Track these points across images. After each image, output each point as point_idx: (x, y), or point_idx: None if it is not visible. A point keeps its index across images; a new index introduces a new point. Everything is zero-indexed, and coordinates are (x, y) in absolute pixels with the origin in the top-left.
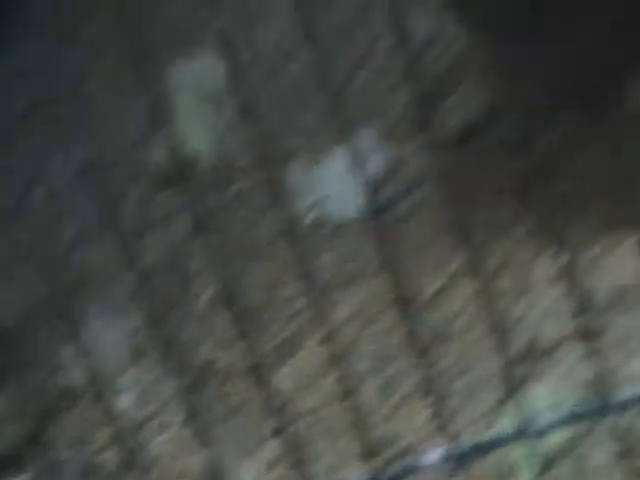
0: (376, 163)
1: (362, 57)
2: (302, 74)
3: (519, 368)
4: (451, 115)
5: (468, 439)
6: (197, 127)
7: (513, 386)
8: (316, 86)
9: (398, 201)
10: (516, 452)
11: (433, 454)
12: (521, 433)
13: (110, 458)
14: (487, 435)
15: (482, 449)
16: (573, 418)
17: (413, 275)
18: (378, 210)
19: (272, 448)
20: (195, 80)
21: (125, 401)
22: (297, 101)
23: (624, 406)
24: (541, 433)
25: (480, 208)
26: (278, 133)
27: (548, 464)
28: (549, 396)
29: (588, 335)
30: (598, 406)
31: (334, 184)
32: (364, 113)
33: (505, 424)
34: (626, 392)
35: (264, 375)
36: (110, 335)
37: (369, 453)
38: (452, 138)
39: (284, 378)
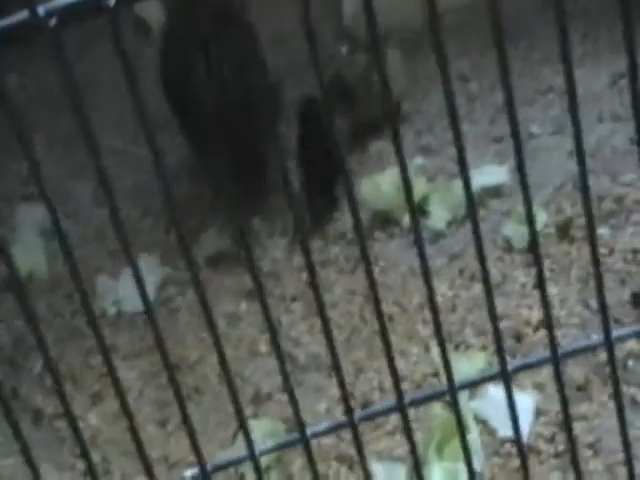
0: (156, 277)
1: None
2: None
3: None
4: (205, 245)
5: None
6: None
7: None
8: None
9: (172, 300)
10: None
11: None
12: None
13: None
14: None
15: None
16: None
17: (180, 348)
18: (161, 304)
19: None
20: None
21: None
22: (100, 239)
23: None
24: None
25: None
26: (89, 258)
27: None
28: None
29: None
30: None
31: (130, 289)
32: (148, 247)
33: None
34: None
35: None
36: None
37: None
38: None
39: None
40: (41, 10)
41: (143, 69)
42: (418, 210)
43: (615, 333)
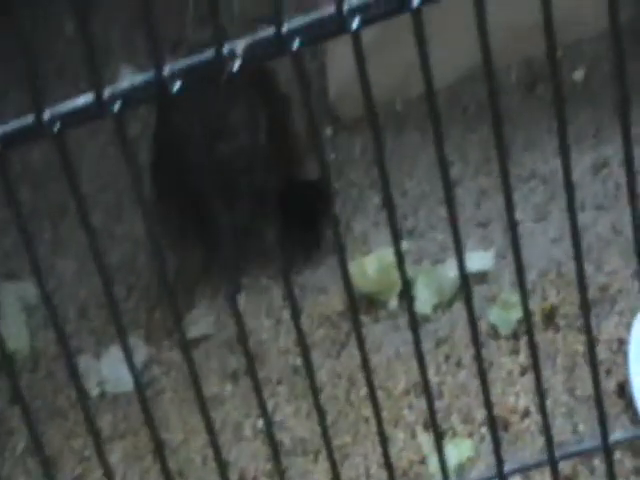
0: (140, 357)
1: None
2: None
3: None
4: (190, 326)
5: None
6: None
7: None
8: (96, 306)
9: (156, 380)
10: None
11: None
12: None
13: None
14: None
15: None
16: None
17: (164, 430)
18: (143, 386)
19: None
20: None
21: None
22: (83, 317)
23: None
24: None
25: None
26: (72, 334)
27: None
28: None
29: None
30: None
31: (113, 370)
32: (132, 327)
33: None
34: None
35: None
36: None
37: None
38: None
39: None
40: (46, 114)
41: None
42: (404, 294)
43: (612, 437)
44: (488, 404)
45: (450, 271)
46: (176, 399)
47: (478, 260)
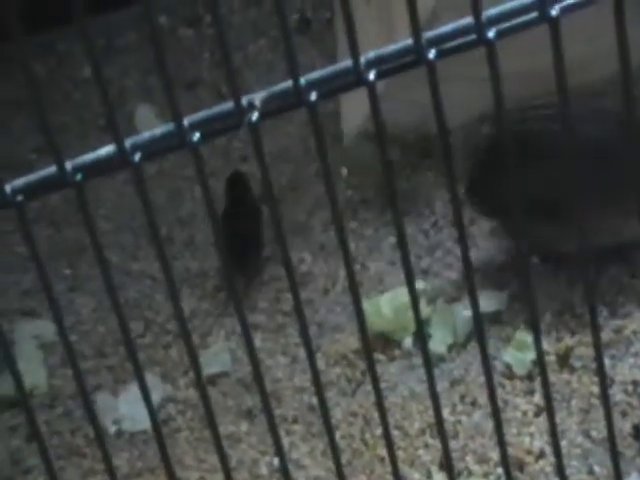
0: (156, 395)
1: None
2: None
3: None
4: (206, 364)
5: None
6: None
7: None
8: (113, 343)
9: (172, 419)
10: None
11: None
12: None
13: None
14: None
15: None
16: None
17: (179, 469)
18: (161, 423)
19: None
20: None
21: None
22: (100, 355)
23: None
24: None
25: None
26: (89, 371)
27: None
28: None
29: None
30: None
31: (130, 407)
32: (148, 364)
33: None
34: None
35: None
36: None
37: None
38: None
39: None
40: (69, 165)
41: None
42: (419, 333)
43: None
44: (502, 445)
45: (465, 311)
46: (192, 438)
47: (493, 300)
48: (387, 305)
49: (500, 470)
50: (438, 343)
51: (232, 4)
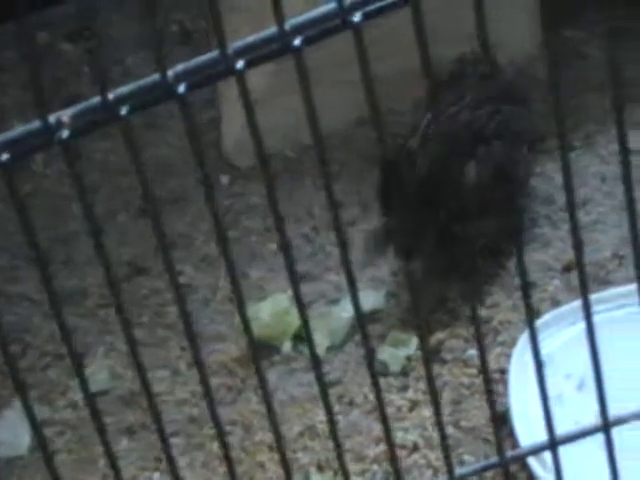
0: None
1: None
2: None
3: None
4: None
5: None
6: None
7: None
8: None
9: (50, 441)
10: None
11: None
12: None
13: None
14: None
15: None
16: None
17: None
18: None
19: None
20: None
21: None
22: None
23: None
24: None
25: None
26: None
27: None
28: None
29: None
30: None
31: (7, 433)
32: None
33: None
34: None
35: None
36: None
37: None
38: None
39: None
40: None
41: None
42: (297, 337)
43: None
44: (389, 440)
45: (343, 312)
46: (69, 460)
47: (370, 299)
48: (266, 311)
49: (376, 467)
50: (316, 346)
51: (111, 18)
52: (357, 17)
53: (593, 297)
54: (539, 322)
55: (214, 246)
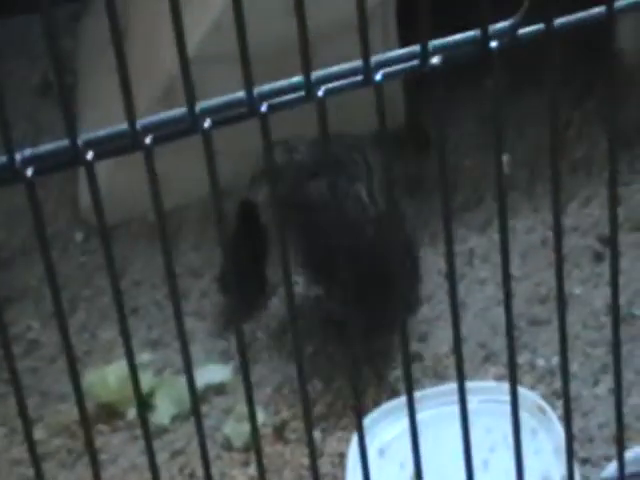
0: None
1: None
2: None
3: None
4: None
5: None
6: None
7: None
8: None
9: None
10: None
11: None
12: None
13: None
14: None
15: None
16: None
17: None
18: None
19: None
20: None
21: None
22: None
23: None
24: None
25: None
26: None
27: None
28: None
29: None
30: None
31: None
32: None
33: None
34: None
35: None
36: None
37: None
38: None
39: None
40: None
41: None
42: (144, 404)
43: None
44: None
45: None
46: None
47: (217, 372)
48: (113, 375)
49: None
50: (162, 414)
51: None
52: (207, 123)
53: (429, 391)
54: (377, 412)
55: (64, 302)
